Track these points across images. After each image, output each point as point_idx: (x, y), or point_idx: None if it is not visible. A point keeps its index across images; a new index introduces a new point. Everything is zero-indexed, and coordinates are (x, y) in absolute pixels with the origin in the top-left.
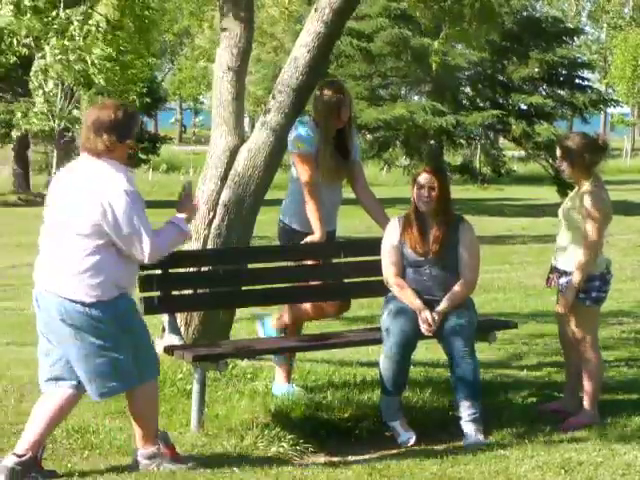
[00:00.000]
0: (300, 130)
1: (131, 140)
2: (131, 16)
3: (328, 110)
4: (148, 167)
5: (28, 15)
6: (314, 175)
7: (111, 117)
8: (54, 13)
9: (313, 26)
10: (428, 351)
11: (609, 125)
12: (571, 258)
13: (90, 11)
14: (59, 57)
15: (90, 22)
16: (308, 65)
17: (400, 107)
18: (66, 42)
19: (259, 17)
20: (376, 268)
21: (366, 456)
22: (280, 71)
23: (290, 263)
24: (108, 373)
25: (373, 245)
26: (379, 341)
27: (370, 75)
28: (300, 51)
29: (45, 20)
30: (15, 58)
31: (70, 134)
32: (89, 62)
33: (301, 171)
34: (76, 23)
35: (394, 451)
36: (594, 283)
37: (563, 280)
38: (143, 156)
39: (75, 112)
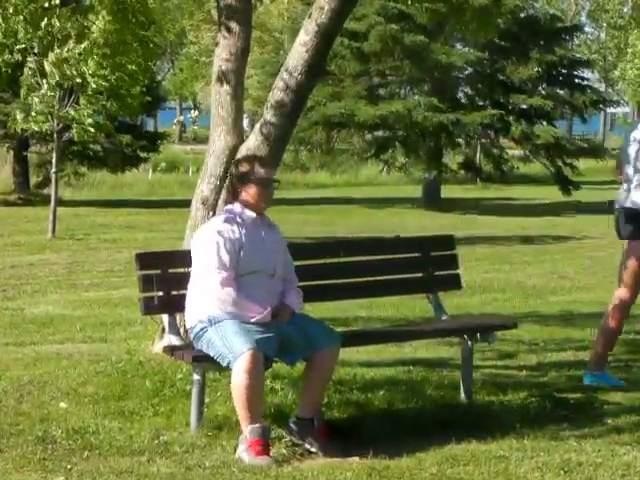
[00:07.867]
0: None
1: None
2: (129, 30)
3: None
4: (148, 166)
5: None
6: None
7: None
8: (45, 21)
9: (311, 25)
10: (428, 351)
11: (609, 124)
12: None
13: (86, 24)
14: (56, 68)
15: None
16: (307, 64)
17: (398, 103)
18: (64, 52)
19: (259, 16)
20: (378, 268)
21: (366, 456)
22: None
23: None
24: None
25: (374, 245)
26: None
27: (367, 74)
28: (299, 50)
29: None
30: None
31: (69, 134)
32: (86, 72)
33: None
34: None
35: (394, 451)
36: None
37: None
38: (143, 154)
39: (72, 112)
